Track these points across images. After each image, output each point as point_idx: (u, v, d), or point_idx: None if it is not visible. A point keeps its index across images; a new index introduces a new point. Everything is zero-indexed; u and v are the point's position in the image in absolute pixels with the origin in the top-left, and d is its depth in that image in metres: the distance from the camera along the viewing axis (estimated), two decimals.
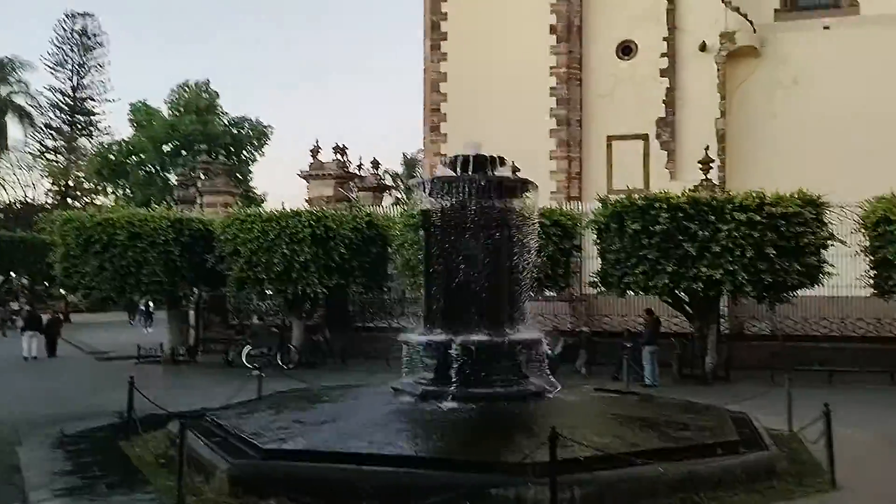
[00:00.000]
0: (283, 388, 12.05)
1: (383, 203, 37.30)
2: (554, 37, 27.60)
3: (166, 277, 20.14)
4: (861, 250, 17.11)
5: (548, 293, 19.92)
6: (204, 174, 28.09)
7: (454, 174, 9.62)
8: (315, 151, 35.67)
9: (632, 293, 18.01)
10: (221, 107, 54.66)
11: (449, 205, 9.42)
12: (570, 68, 27.65)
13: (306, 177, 35.96)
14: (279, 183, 66.92)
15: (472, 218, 9.26)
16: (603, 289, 18.35)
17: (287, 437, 8.04)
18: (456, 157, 9.72)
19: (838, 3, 28.03)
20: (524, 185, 9.66)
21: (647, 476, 6.99)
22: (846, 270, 17.58)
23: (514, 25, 27.52)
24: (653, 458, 7.20)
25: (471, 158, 9.56)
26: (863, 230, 17.07)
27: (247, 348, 20.14)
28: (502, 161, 9.71)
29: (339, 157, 35.12)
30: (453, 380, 8.98)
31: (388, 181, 48.20)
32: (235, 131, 54.01)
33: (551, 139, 27.53)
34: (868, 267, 17.05)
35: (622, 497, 6.80)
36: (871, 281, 17.05)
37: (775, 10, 28.26)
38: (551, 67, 27.60)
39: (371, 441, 7.76)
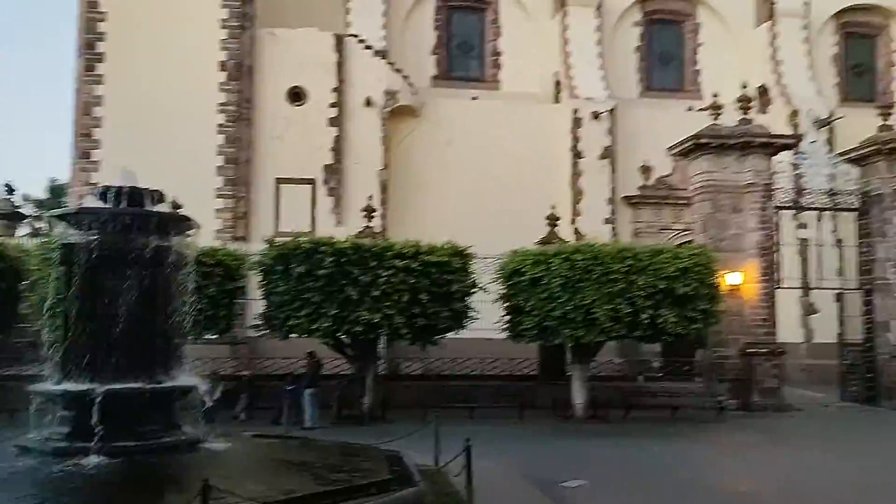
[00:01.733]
0: None
1: (19, 233, 32.88)
2: (224, 74, 27.13)
3: None
4: (499, 297, 19.21)
5: (209, 336, 19.14)
6: None
7: (105, 206, 8.81)
8: None
9: (295, 336, 18.06)
10: None
11: (97, 239, 8.57)
12: (241, 107, 27.36)
13: None
14: None
15: (121, 254, 8.52)
16: (266, 331, 18.14)
17: None
18: (107, 188, 8.91)
19: (483, 77, 31.83)
20: (183, 222, 9.18)
21: None
22: (488, 315, 19.56)
23: (182, 56, 26.53)
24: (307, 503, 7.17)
25: (124, 190, 8.85)
26: (500, 280, 19.18)
27: None
28: (160, 195, 9.13)
29: None
30: (94, 433, 8.07)
31: (29, 209, 42.63)
32: None
33: (219, 177, 26.84)
34: (504, 312, 19.17)
35: None
36: (506, 325, 19.17)
37: (432, 77, 31.14)
38: (220, 104, 27.05)
39: None
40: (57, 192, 50.96)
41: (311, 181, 27.94)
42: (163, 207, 9.27)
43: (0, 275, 17.64)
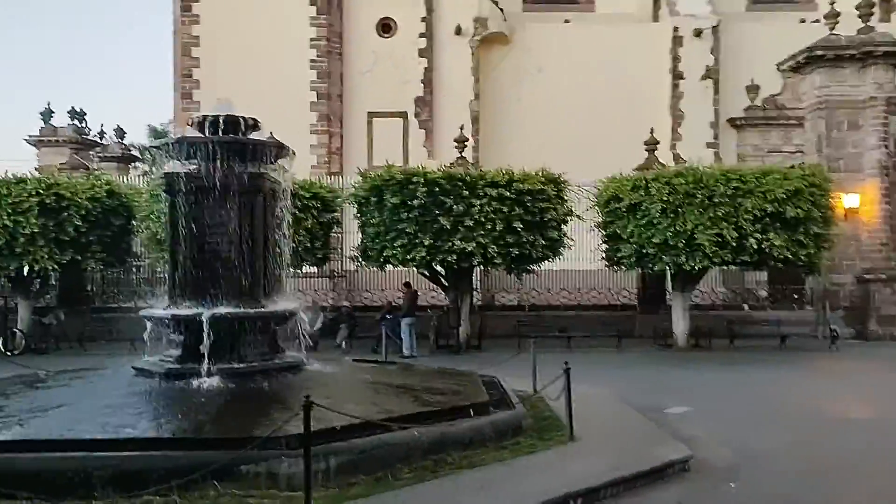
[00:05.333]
0: (4, 376, 10.58)
1: (130, 175, 34.41)
2: (314, 8, 27.07)
3: None
4: (595, 226, 18.74)
5: (308, 269, 19.60)
6: None
7: (202, 135, 8.94)
8: (47, 115, 31.99)
9: (391, 267, 18.25)
10: None
11: (197, 168, 8.73)
12: (331, 42, 27.33)
13: (36, 143, 32.18)
14: (8, 151, 59.17)
15: (222, 182, 8.65)
16: (363, 262, 18.39)
17: (2, 428, 7.00)
18: (204, 117, 9.03)
19: None
20: (279, 150, 9.22)
21: (402, 441, 7.00)
22: (583, 245, 19.20)
23: None
24: (408, 423, 7.24)
25: (221, 119, 8.93)
26: (597, 207, 18.68)
27: None
28: (256, 123, 9.19)
29: (75, 122, 31.80)
30: (203, 356, 8.38)
31: (136, 154, 44.50)
32: None
33: (312, 113, 27.10)
34: (601, 240, 18.72)
35: (377, 463, 6.74)
36: (604, 253, 18.74)
37: (523, 1, 30.07)
38: (311, 39, 27.11)
39: (105, 425, 7.00)
40: (160, 136, 52.90)
41: (402, 114, 27.83)
42: (258, 135, 9.33)
43: (113, 212, 18.43)
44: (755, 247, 16.32)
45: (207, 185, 8.70)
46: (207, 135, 8.96)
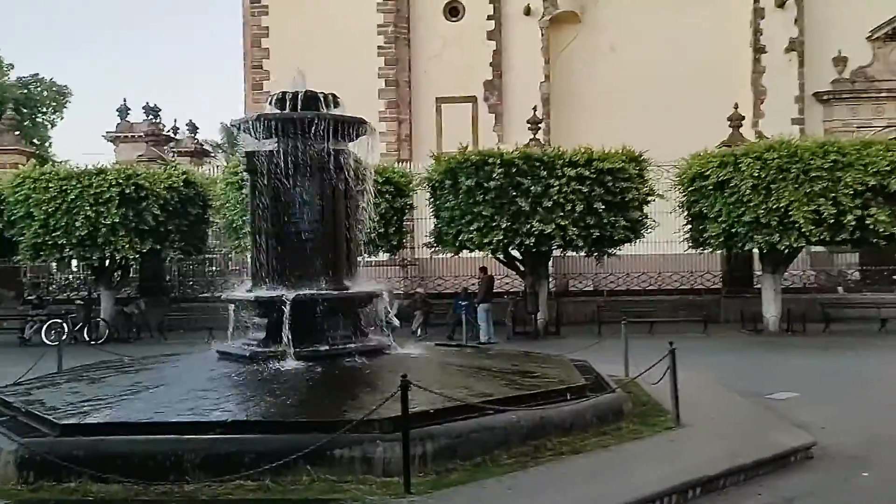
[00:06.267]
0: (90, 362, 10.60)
1: (203, 169, 34.94)
2: None
3: None
4: (678, 206, 17.93)
5: (380, 256, 19.39)
6: None
7: (284, 112, 8.67)
8: (123, 112, 32.74)
9: (466, 252, 17.84)
10: (3, 63, 48.12)
11: (278, 146, 8.47)
12: (398, 27, 27.04)
13: (114, 139, 32.98)
14: (86, 149, 61.50)
15: (304, 160, 8.37)
16: (438, 247, 18.03)
17: (91, 410, 6.88)
18: (284, 93, 8.76)
19: None
20: (361, 126, 8.88)
21: (500, 425, 6.60)
22: (664, 227, 18.41)
23: None
24: (504, 406, 6.83)
25: (300, 95, 8.65)
26: (679, 186, 17.86)
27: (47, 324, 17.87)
28: (336, 99, 8.87)
29: (150, 117, 32.42)
30: (287, 338, 8.12)
31: (209, 149, 45.28)
32: (26, 91, 47.92)
33: (380, 100, 26.87)
34: (685, 221, 17.90)
35: (475, 448, 6.36)
36: (688, 234, 17.92)
37: None
38: (379, 26, 26.87)
39: (194, 408, 6.81)
40: (231, 133, 53.62)
41: (471, 99, 27.35)
42: (339, 112, 9.01)
43: (188, 200, 18.55)
44: (854, 223, 15.30)
45: (289, 164, 8.40)
46: (287, 110, 8.70)
